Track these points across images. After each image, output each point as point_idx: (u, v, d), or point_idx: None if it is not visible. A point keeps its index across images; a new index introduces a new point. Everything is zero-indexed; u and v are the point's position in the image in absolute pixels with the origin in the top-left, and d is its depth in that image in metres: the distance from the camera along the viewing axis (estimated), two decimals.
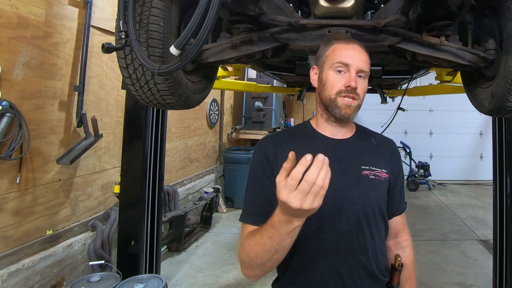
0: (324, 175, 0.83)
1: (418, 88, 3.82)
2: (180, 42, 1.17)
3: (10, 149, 2.30)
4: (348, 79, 1.16)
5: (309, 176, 0.82)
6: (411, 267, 1.34)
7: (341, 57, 1.18)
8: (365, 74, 1.20)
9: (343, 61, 1.17)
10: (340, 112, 1.18)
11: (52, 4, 2.66)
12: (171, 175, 4.60)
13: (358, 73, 1.18)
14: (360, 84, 1.18)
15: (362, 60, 1.19)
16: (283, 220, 0.91)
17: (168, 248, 4.15)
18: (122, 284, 2.18)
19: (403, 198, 1.36)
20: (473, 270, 3.76)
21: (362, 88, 1.19)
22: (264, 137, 1.33)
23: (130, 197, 2.60)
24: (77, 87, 2.88)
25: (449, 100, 7.15)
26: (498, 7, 1.32)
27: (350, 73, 1.17)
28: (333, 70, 1.19)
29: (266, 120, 6.57)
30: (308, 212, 0.87)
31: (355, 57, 1.18)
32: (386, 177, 1.24)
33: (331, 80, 1.19)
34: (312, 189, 0.83)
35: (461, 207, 6.11)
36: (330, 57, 1.21)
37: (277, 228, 0.93)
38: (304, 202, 0.83)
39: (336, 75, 1.19)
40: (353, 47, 1.20)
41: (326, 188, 0.84)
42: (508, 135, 2.56)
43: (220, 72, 2.92)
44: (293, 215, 0.89)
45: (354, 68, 1.17)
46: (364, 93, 1.21)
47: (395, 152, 1.35)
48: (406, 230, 1.38)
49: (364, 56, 1.20)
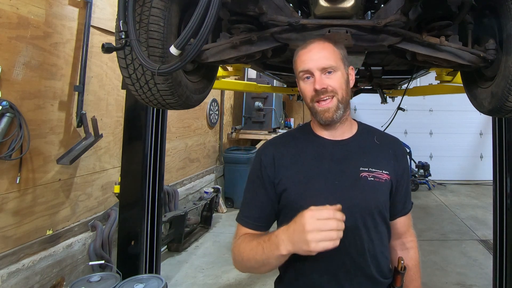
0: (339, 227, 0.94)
1: (418, 88, 3.82)
2: (180, 42, 1.17)
3: (10, 149, 2.30)
4: (313, 83, 1.15)
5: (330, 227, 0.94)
6: (415, 268, 1.32)
7: (302, 64, 1.17)
8: (333, 68, 1.16)
9: (304, 67, 1.17)
10: (321, 117, 1.18)
11: (52, 4, 2.66)
12: (171, 175, 4.60)
13: (324, 71, 1.15)
14: (331, 79, 1.15)
15: (323, 57, 1.15)
16: (282, 242, 0.99)
17: (168, 248, 4.15)
18: (122, 284, 2.18)
19: (408, 199, 1.31)
20: (473, 270, 3.76)
21: (335, 82, 1.16)
22: (265, 143, 1.35)
23: (130, 197, 2.60)
24: (77, 87, 2.88)
25: (449, 100, 7.15)
26: (498, 7, 1.32)
27: (314, 76, 1.15)
28: (301, 79, 1.20)
29: (266, 120, 6.56)
30: (305, 252, 0.95)
31: (313, 57, 1.16)
32: (387, 178, 1.21)
33: (303, 89, 1.20)
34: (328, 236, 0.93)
35: (461, 207, 6.10)
36: (296, 67, 1.21)
37: (272, 246, 1.02)
38: (316, 247, 0.93)
39: (304, 84, 1.19)
40: (311, 48, 1.18)
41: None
42: (508, 135, 2.56)
43: (220, 72, 2.92)
44: (296, 250, 0.96)
45: (315, 69, 1.15)
46: (339, 85, 1.16)
47: (399, 151, 1.30)
48: (411, 231, 1.35)
49: (326, 51, 1.17)
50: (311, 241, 0.92)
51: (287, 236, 0.98)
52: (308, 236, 0.92)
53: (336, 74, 1.17)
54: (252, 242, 1.10)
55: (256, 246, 1.07)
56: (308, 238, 0.92)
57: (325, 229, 0.92)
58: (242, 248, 1.13)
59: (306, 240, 0.92)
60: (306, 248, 0.93)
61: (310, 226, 0.92)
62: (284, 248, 0.98)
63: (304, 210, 1.03)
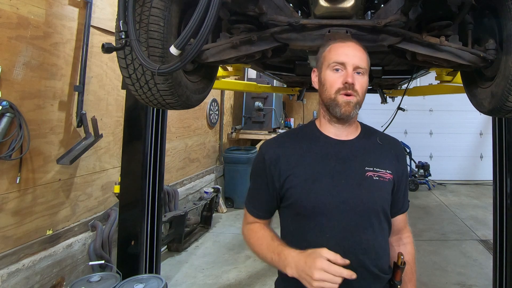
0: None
1: (418, 88, 3.82)
2: (180, 42, 1.17)
3: (10, 149, 2.30)
4: (345, 76, 1.17)
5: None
6: (412, 263, 1.37)
7: (336, 56, 1.20)
8: (363, 71, 1.20)
9: (339, 59, 1.19)
10: (340, 110, 1.19)
11: (52, 4, 2.66)
12: (171, 175, 4.60)
13: (356, 70, 1.18)
14: (358, 80, 1.19)
15: (358, 57, 1.19)
16: (290, 268, 1.09)
17: (168, 248, 4.15)
18: (122, 284, 2.18)
19: (406, 197, 1.37)
20: (473, 270, 3.76)
21: (360, 84, 1.19)
22: (268, 139, 1.37)
23: (130, 197, 2.60)
24: (77, 87, 2.88)
25: (449, 100, 7.15)
26: (498, 7, 1.32)
27: (346, 70, 1.18)
28: (330, 69, 1.21)
29: (266, 120, 6.56)
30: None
31: (350, 54, 1.19)
32: (390, 178, 1.24)
33: (329, 79, 1.21)
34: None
35: (461, 207, 6.10)
36: (327, 57, 1.22)
37: (280, 262, 1.13)
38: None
39: (333, 74, 1.20)
40: (348, 44, 1.21)
41: None
42: (508, 135, 2.56)
43: (220, 72, 2.92)
44: (299, 279, 1.06)
45: (350, 65, 1.18)
46: (363, 89, 1.21)
47: (400, 152, 1.34)
48: (407, 228, 1.41)
49: (361, 53, 1.21)
50: (315, 286, 1.02)
51: (295, 265, 1.07)
52: (313, 283, 1.02)
53: (364, 77, 1.21)
54: (262, 242, 1.23)
55: (265, 250, 1.20)
56: (313, 284, 1.02)
57: (331, 281, 1.01)
58: (251, 240, 1.27)
59: (310, 282, 1.03)
60: (308, 286, 1.04)
61: (318, 276, 1.01)
62: (290, 273, 1.09)
63: (317, 213, 1.17)
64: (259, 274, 3.61)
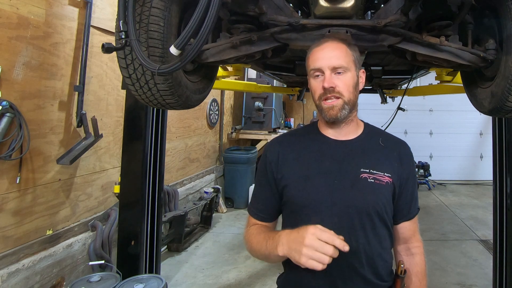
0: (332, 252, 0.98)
1: (418, 88, 3.82)
2: (180, 42, 1.17)
3: (10, 149, 2.30)
4: (322, 81, 1.17)
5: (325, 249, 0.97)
6: (420, 275, 1.31)
7: (313, 62, 1.20)
8: (343, 69, 1.17)
9: (315, 66, 1.19)
10: (326, 115, 1.20)
11: (52, 4, 2.66)
12: (171, 175, 4.60)
13: (334, 71, 1.17)
14: (340, 80, 1.17)
15: (335, 56, 1.17)
16: (281, 245, 1.06)
17: (168, 248, 4.15)
18: (122, 284, 2.18)
19: (414, 203, 1.30)
20: (473, 270, 3.76)
21: (344, 83, 1.17)
22: (272, 139, 1.40)
23: (130, 197, 2.60)
24: (77, 87, 2.88)
25: (449, 100, 7.15)
26: (498, 7, 1.32)
27: (324, 75, 1.17)
28: (312, 77, 1.22)
29: (266, 120, 6.56)
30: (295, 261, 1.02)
31: (325, 57, 1.17)
32: (388, 181, 1.20)
33: (312, 87, 1.23)
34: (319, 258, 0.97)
35: (461, 207, 6.10)
36: (308, 64, 1.24)
37: (273, 244, 1.10)
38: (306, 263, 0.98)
39: (314, 81, 1.21)
40: (324, 46, 1.20)
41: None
42: (508, 135, 2.56)
43: (220, 72, 2.92)
44: (290, 256, 1.03)
45: (326, 68, 1.17)
46: (348, 87, 1.18)
47: (405, 155, 1.28)
48: (417, 237, 1.34)
49: (338, 51, 1.18)
50: (304, 255, 0.97)
51: (286, 240, 1.05)
52: (303, 249, 0.98)
53: (345, 75, 1.18)
54: (260, 235, 1.21)
55: (262, 240, 1.18)
56: (303, 251, 0.98)
57: (321, 250, 0.97)
58: (251, 239, 1.25)
59: (299, 252, 0.99)
60: (297, 258, 1.00)
61: (308, 242, 0.98)
62: (281, 250, 1.06)
63: (309, 211, 1.12)
64: (259, 274, 3.61)
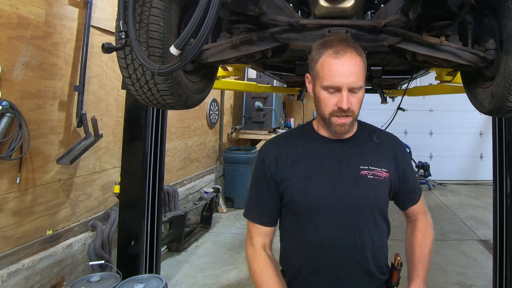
0: None
1: (418, 88, 3.82)
2: (180, 42, 1.17)
3: (10, 149, 2.30)
4: (339, 100, 1.12)
5: None
6: (423, 231, 1.34)
7: (330, 78, 1.11)
8: (359, 88, 1.14)
9: (334, 84, 1.11)
10: (335, 130, 1.19)
11: (52, 4, 2.66)
12: (171, 175, 4.60)
13: (352, 90, 1.13)
14: (354, 98, 1.14)
15: (354, 74, 1.11)
16: None
17: (168, 248, 4.15)
18: (122, 284, 2.18)
19: (416, 189, 1.36)
20: (473, 270, 3.75)
21: (357, 101, 1.15)
22: (267, 142, 1.37)
23: (130, 197, 2.60)
24: (77, 87, 2.88)
25: (449, 100, 7.14)
26: (498, 7, 1.32)
27: (341, 93, 1.12)
28: (325, 90, 1.15)
29: (266, 120, 6.56)
30: None
31: (345, 74, 1.10)
32: (386, 176, 1.23)
33: (323, 99, 1.16)
34: None
35: (461, 207, 6.10)
36: (320, 74, 1.14)
37: None
38: None
39: (327, 95, 1.15)
40: (343, 60, 1.11)
41: None
42: (508, 135, 2.56)
43: (220, 72, 2.92)
44: None
45: (345, 88, 1.12)
46: (359, 105, 1.17)
47: (398, 148, 1.32)
48: (423, 214, 1.39)
49: (357, 67, 1.12)
50: None
51: None
52: None
53: (360, 93, 1.16)
54: (263, 281, 1.19)
55: None
56: None
57: None
58: (254, 270, 1.23)
59: None
60: None
61: None
62: None
63: (312, 211, 1.16)
64: None
